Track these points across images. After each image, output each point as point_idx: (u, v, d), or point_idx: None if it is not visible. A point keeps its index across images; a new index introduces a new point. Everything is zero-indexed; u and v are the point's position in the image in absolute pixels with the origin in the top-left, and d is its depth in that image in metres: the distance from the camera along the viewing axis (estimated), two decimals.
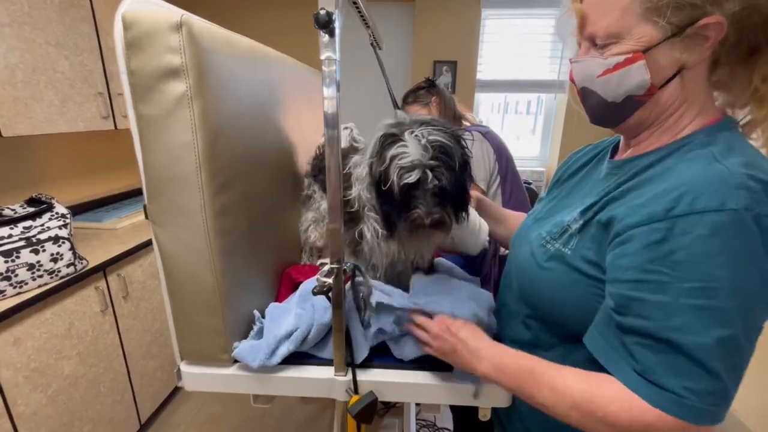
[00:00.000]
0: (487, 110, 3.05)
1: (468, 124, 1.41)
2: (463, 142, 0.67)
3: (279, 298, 0.90)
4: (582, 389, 0.48)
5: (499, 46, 2.80)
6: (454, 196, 0.65)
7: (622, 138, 0.63)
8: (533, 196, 2.59)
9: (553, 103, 2.92)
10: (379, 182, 0.64)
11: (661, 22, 0.45)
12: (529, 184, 2.70)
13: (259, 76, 0.80)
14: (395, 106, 0.96)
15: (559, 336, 0.61)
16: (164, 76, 0.57)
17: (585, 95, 0.56)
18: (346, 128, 1.11)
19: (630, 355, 0.46)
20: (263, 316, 0.79)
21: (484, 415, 0.72)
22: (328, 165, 0.60)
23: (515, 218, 0.91)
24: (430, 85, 1.41)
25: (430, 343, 0.64)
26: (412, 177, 0.60)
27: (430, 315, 0.67)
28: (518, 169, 2.86)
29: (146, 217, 0.67)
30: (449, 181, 0.62)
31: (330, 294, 0.64)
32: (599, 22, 0.49)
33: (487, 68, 2.84)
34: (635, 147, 0.57)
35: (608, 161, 0.62)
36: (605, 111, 0.55)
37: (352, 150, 0.86)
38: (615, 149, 0.65)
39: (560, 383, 0.50)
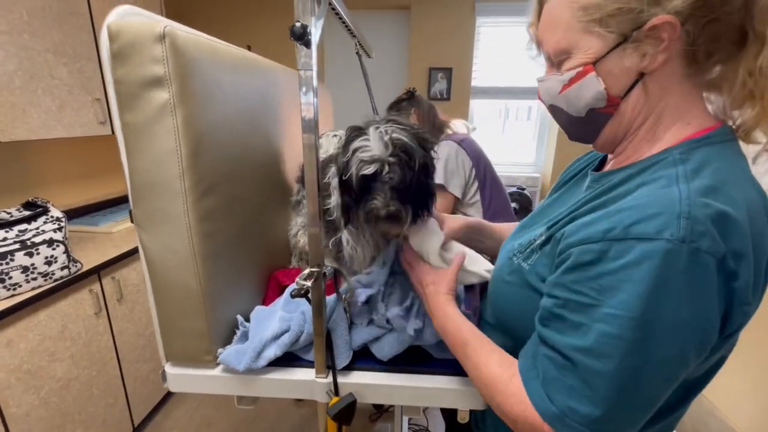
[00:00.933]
0: (488, 117, 3.07)
1: (450, 132, 1.44)
2: (428, 146, 0.68)
3: (266, 301, 0.92)
4: (496, 375, 0.52)
5: (494, 54, 2.83)
6: (413, 193, 0.67)
7: None
8: (527, 202, 2.60)
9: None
10: (339, 177, 0.68)
11: (602, 32, 0.45)
12: (523, 189, 2.72)
13: (245, 84, 0.82)
14: (375, 112, 0.99)
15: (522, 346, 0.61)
16: (148, 85, 0.59)
17: (554, 112, 0.56)
18: (335, 135, 1.12)
19: (537, 364, 0.48)
20: (247, 320, 0.80)
21: (463, 418, 0.73)
22: (307, 171, 0.62)
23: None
24: (410, 97, 1.45)
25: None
26: (370, 169, 0.63)
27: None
28: (513, 174, 2.88)
29: (132, 221, 0.68)
30: (405, 178, 0.64)
31: (309, 296, 0.65)
32: (549, 41, 0.51)
33: (482, 75, 2.87)
34: (616, 159, 0.56)
35: (590, 173, 0.61)
36: (575, 127, 0.54)
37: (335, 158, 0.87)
38: (604, 159, 0.64)
39: (483, 363, 0.55)
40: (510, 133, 3.08)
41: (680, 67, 0.46)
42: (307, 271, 0.65)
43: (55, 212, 1.32)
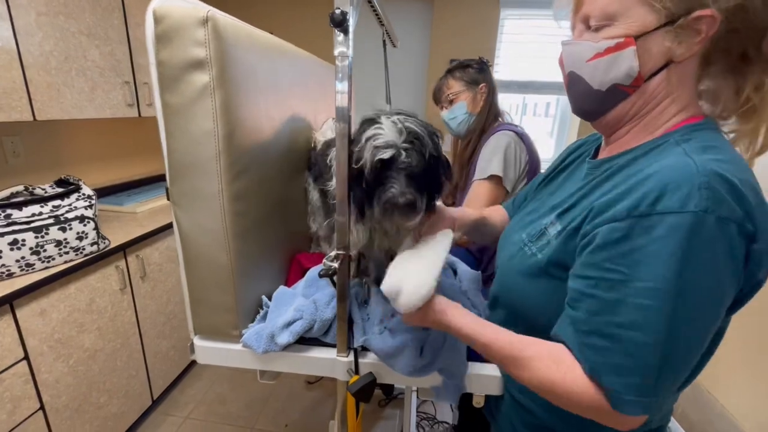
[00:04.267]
0: (507, 111, 3.03)
1: (502, 120, 1.31)
2: (436, 139, 0.67)
3: (288, 282, 0.95)
4: (555, 378, 0.49)
5: (518, 47, 2.79)
6: (426, 181, 0.65)
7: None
8: None
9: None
10: (352, 164, 0.64)
11: (657, 5, 0.45)
12: None
13: (277, 70, 0.84)
14: (388, 101, 0.98)
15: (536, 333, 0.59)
16: (190, 67, 0.62)
17: (572, 81, 0.55)
18: (333, 119, 1.08)
19: (580, 351, 0.49)
20: (271, 300, 0.83)
21: (478, 402, 0.75)
22: (338, 158, 0.64)
23: (499, 214, 0.88)
24: (480, 67, 1.28)
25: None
26: (387, 153, 0.61)
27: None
28: None
29: (168, 198, 0.71)
30: (420, 164, 0.63)
31: (334, 277, 0.67)
32: (596, 2, 0.49)
33: (504, 68, 2.83)
34: (613, 145, 0.57)
35: (588, 161, 0.62)
36: (589, 99, 0.54)
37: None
38: (599, 147, 0.65)
39: (537, 371, 0.51)
40: (527, 128, 3.04)
41: (695, 65, 0.49)
42: (333, 252, 0.68)
43: (87, 190, 1.37)
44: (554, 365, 0.50)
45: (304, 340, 0.77)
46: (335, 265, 0.65)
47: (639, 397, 0.45)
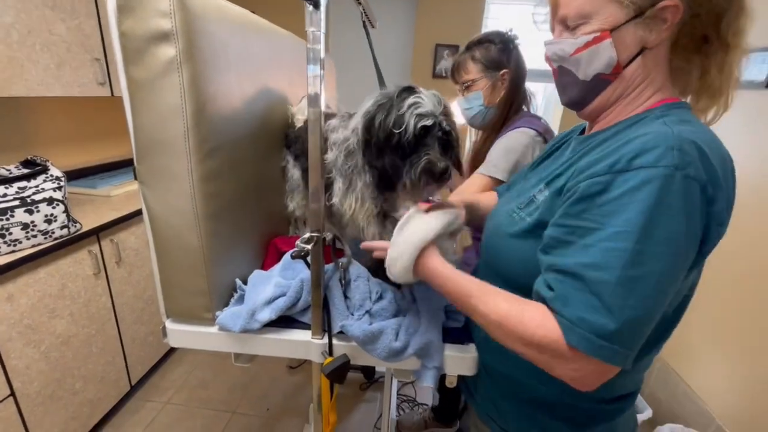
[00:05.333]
0: None
1: (526, 110, 1.16)
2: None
3: (265, 266, 0.94)
4: (507, 311, 0.52)
5: None
6: (453, 152, 0.69)
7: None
8: None
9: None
10: (387, 133, 0.65)
11: (625, 1, 0.51)
12: None
13: (250, 45, 0.81)
14: (381, 82, 0.95)
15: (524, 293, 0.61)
16: (155, 39, 0.59)
17: (561, 74, 0.60)
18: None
19: (548, 287, 0.51)
20: (245, 284, 0.82)
21: (450, 382, 0.76)
22: (311, 144, 0.63)
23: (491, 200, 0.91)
24: (505, 47, 1.06)
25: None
26: (429, 121, 0.64)
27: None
28: None
29: (135, 178, 0.69)
30: (451, 136, 0.67)
31: (308, 258, 0.67)
32: (571, 4, 0.55)
33: None
34: (599, 124, 0.62)
35: (575, 138, 0.67)
36: (577, 89, 0.59)
37: (326, 116, 0.85)
38: (584, 131, 0.69)
39: (492, 307, 0.54)
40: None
41: (666, 49, 0.55)
42: (307, 235, 0.67)
43: (55, 171, 1.32)
44: (512, 299, 0.53)
45: (280, 322, 0.76)
46: (308, 247, 0.65)
47: (593, 334, 0.45)
